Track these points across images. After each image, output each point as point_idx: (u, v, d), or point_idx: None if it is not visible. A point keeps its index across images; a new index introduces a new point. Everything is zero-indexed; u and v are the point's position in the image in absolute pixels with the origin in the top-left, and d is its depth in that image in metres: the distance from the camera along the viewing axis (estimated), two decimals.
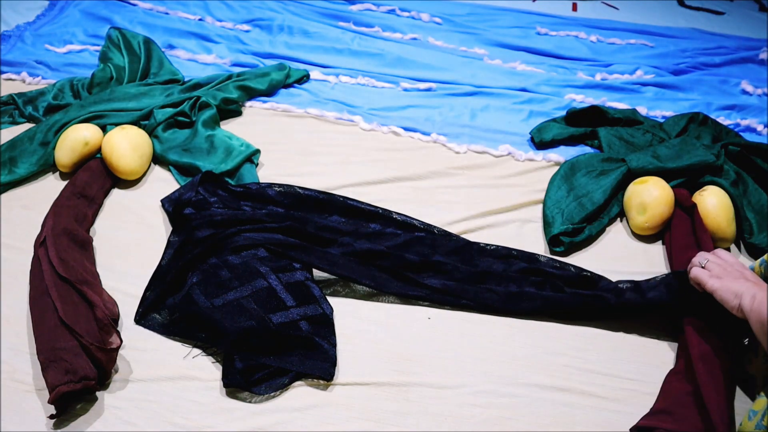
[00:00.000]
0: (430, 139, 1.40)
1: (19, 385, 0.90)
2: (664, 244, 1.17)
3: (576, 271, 1.07)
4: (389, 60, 1.64)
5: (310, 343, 0.94)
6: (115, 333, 0.92)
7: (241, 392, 0.90)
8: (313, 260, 1.04)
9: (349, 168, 1.31)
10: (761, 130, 1.49)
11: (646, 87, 1.61)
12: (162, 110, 1.35)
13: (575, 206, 1.19)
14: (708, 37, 1.86)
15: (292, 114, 1.46)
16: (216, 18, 1.79)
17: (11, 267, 1.07)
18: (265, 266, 1.02)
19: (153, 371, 0.93)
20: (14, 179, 1.22)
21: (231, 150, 1.28)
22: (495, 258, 1.10)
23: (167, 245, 1.08)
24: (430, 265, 1.06)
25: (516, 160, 1.36)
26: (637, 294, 1.00)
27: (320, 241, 1.09)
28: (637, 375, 0.95)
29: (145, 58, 1.53)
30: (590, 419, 0.90)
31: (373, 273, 1.05)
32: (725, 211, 1.15)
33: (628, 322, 1.02)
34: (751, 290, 0.86)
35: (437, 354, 0.97)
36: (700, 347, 0.91)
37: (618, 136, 1.36)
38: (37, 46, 1.63)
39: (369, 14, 1.85)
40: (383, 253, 1.06)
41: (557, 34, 1.84)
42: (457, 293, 1.04)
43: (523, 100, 1.54)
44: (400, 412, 0.89)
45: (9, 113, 1.39)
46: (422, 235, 1.12)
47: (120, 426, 0.86)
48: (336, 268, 1.04)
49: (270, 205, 1.16)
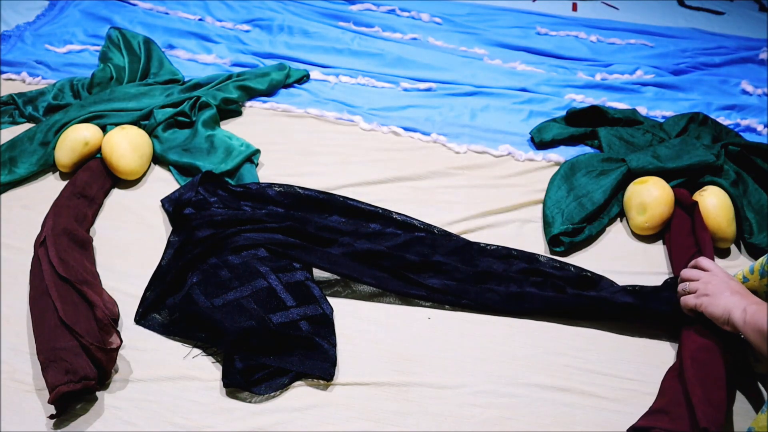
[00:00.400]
0: (430, 139, 1.40)
1: (19, 385, 0.90)
2: (665, 244, 1.17)
3: (576, 271, 1.07)
4: (389, 60, 1.64)
5: (310, 343, 0.94)
6: (115, 333, 0.92)
7: (241, 392, 0.90)
8: (313, 260, 1.05)
9: (349, 168, 1.31)
10: (761, 130, 1.49)
11: (646, 87, 1.61)
12: (162, 110, 1.35)
13: (575, 206, 1.19)
14: (708, 37, 1.86)
15: (292, 114, 1.46)
16: (216, 18, 1.79)
17: (11, 267, 1.07)
18: (265, 266, 1.01)
19: (153, 371, 0.93)
20: (14, 179, 1.22)
21: (231, 150, 1.28)
22: (495, 258, 1.10)
23: (167, 245, 1.08)
24: (430, 265, 1.06)
25: (516, 160, 1.36)
26: (639, 300, 1.00)
27: (320, 241, 1.09)
28: (637, 375, 0.95)
29: (145, 58, 1.53)
30: (590, 419, 0.90)
31: (373, 272, 1.05)
32: (725, 212, 1.15)
33: (628, 322, 1.02)
34: (740, 304, 0.86)
35: (437, 354, 0.97)
36: (691, 346, 0.91)
37: (618, 136, 1.36)
38: (37, 46, 1.63)
39: (369, 14, 1.86)
40: (383, 253, 1.06)
41: (557, 34, 1.84)
42: (457, 293, 1.04)
43: (523, 100, 1.54)
44: (400, 412, 0.89)
45: (9, 113, 1.39)
46: (422, 235, 1.12)
47: (120, 426, 0.86)
48: (337, 268, 1.04)
49: (270, 205, 1.16)
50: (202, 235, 1.06)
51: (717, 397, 0.85)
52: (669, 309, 0.98)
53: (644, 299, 1.00)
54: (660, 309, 0.98)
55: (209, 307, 0.96)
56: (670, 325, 1.00)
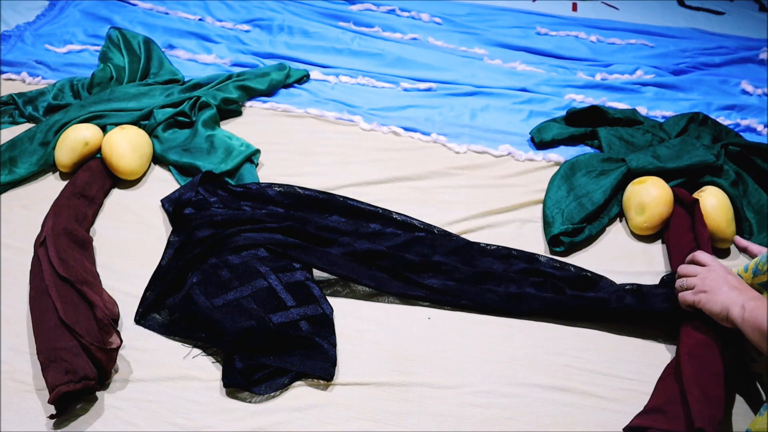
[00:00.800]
0: (430, 139, 1.40)
1: (19, 385, 0.90)
2: (664, 243, 1.17)
3: (576, 272, 1.07)
4: (389, 60, 1.64)
5: (310, 343, 0.94)
6: (115, 333, 0.92)
7: (241, 392, 0.90)
8: (313, 260, 1.05)
9: (349, 168, 1.31)
10: (761, 130, 1.49)
11: (646, 87, 1.61)
12: (162, 110, 1.35)
13: (575, 206, 1.19)
14: (708, 37, 1.86)
15: (292, 114, 1.46)
16: (216, 18, 1.79)
17: (11, 267, 1.07)
18: (265, 266, 1.02)
19: (153, 371, 0.93)
20: (14, 179, 1.22)
21: (231, 150, 1.28)
22: (495, 258, 1.10)
23: (167, 245, 1.08)
24: (430, 265, 1.06)
25: (516, 160, 1.36)
26: (638, 300, 1.00)
27: (320, 241, 1.09)
28: (637, 375, 0.95)
29: (145, 58, 1.53)
30: (590, 419, 0.90)
31: (373, 273, 1.05)
32: (724, 212, 1.15)
33: (628, 323, 1.02)
34: (738, 300, 0.85)
35: (437, 354, 0.97)
36: (689, 342, 0.91)
37: (618, 136, 1.36)
38: (37, 46, 1.63)
39: (369, 14, 1.86)
40: (383, 253, 1.06)
41: (557, 34, 1.84)
42: (457, 293, 1.04)
43: (523, 100, 1.54)
44: (400, 412, 0.89)
45: (9, 113, 1.39)
46: (422, 235, 1.12)
47: (120, 426, 0.86)
48: (336, 268, 1.04)
49: (270, 205, 1.16)
50: (202, 235, 1.06)
51: (715, 395, 0.84)
52: (668, 307, 0.97)
53: (643, 299, 0.99)
54: (659, 308, 0.98)
55: (209, 307, 0.96)
56: (669, 323, 0.99)
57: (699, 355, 0.89)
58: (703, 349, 0.89)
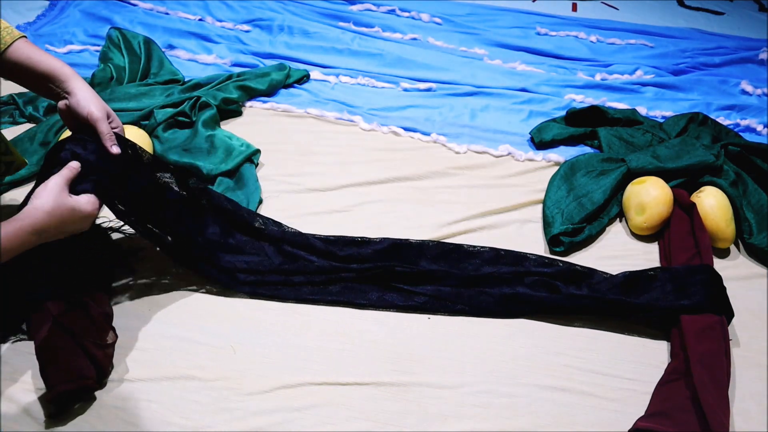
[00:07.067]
0: (430, 139, 1.40)
1: (19, 384, 0.90)
2: (662, 242, 1.17)
3: (565, 266, 1.07)
4: (389, 60, 1.65)
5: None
6: (110, 329, 0.92)
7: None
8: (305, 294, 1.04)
9: (349, 168, 1.31)
10: (761, 130, 1.49)
11: (646, 87, 1.62)
12: (162, 110, 1.35)
13: (575, 206, 1.19)
14: (708, 38, 1.86)
15: (292, 114, 1.46)
16: (216, 18, 1.79)
17: None
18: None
19: (153, 371, 0.92)
20: (15, 179, 1.22)
21: (231, 150, 1.28)
22: (484, 260, 1.09)
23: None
24: (421, 275, 1.05)
25: (516, 160, 1.36)
26: (631, 297, 1.00)
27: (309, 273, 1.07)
28: (637, 375, 0.95)
29: (145, 58, 1.53)
30: (590, 419, 0.90)
31: (366, 293, 1.04)
32: (724, 212, 1.15)
33: (628, 322, 1.02)
34: None
35: (437, 354, 0.97)
36: (698, 350, 0.91)
37: (618, 136, 1.36)
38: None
39: (369, 14, 1.86)
40: (371, 263, 1.05)
41: (557, 34, 1.84)
42: (451, 299, 1.03)
43: (523, 100, 1.54)
44: (400, 412, 0.89)
45: (9, 113, 1.39)
46: (409, 241, 1.11)
47: (120, 426, 0.86)
48: (327, 296, 1.04)
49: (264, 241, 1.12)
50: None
51: (725, 401, 0.86)
52: (662, 303, 0.99)
53: (635, 292, 1.00)
54: (651, 302, 0.99)
55: None
56: (664, 316, 1.00)
57: (709, 363, 0.89)
58: (712, 357, 0.90)
